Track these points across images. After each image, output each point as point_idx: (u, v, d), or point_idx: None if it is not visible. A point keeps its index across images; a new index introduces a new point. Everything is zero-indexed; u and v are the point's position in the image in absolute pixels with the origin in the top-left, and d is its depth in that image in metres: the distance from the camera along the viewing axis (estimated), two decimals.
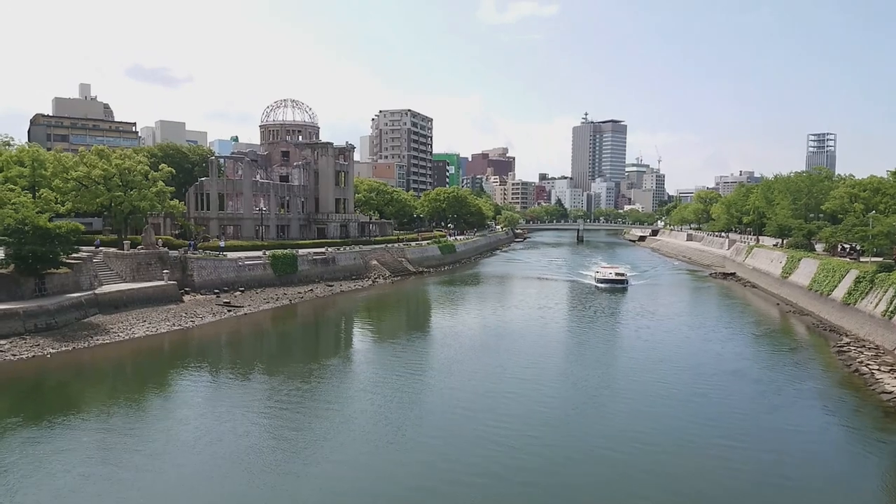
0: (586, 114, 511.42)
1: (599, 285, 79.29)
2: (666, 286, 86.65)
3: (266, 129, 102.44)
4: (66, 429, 27.82)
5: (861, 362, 39.28)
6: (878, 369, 37.23)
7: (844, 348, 43.37)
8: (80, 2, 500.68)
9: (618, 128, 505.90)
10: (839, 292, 54.48)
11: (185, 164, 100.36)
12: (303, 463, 24.75)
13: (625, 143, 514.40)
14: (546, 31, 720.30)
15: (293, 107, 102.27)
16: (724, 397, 33.98)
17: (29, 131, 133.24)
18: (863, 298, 49.50)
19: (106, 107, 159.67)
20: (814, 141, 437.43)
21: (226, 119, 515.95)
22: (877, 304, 46.44)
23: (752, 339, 51.52)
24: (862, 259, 61.20)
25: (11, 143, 74.61)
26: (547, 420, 29.83)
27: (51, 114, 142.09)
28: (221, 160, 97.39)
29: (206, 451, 25.58)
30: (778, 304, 66.62)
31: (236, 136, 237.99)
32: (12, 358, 36.89)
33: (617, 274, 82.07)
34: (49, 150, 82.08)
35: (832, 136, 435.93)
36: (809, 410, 32.48)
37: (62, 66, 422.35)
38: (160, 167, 72.96)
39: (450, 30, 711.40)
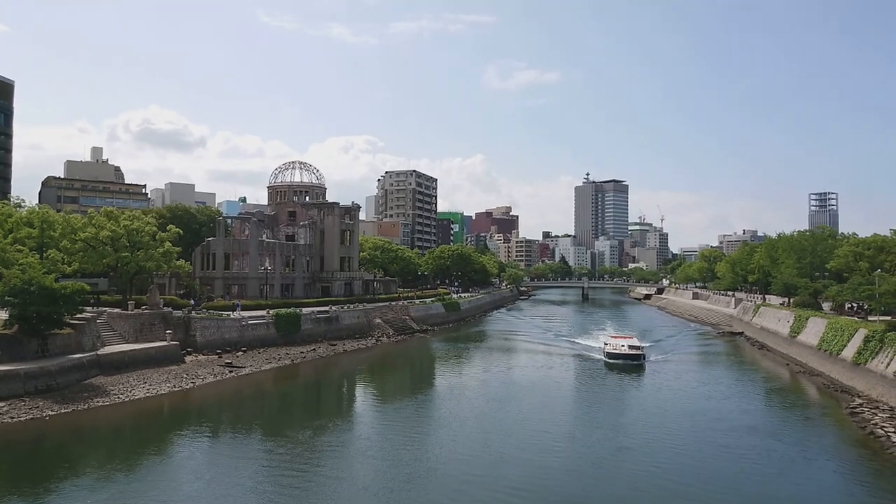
0: (588, 174, 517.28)
1: (610, 361, 64.09)
2: (688, 357, 73.43)
3: (274, 190, 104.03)
4: (61, 493, 27.05)
5: (875, 424, 38.34)
6: (895, 432, 36.28)
7: (857, 409, 42.39)
8: (95, 70, 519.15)
9: (619, 187, 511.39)
10: (849, 352, 53.69)
11: (193, 224, 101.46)
12: None
13: (627, 202, 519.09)
14: (548, 96, 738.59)
15: (301, 169, 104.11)
16: (739, 460, 33.13)
17: (40, 193, 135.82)
18: (873, 358, 48.72)
19: (117, 169, 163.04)
20: (815, 200, 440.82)
21: (235, 180, 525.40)
22: (888, 364, 45.66)
23: (764, 401, 50.59)
24: (870, 318, 60.61)
25: (22, 204, 75.80)
26: (557, 488, 28.93)
27: (62, 176, 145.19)
28: (229, 220, 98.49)
29: None
30: (787, 364, 65.54)
31: (244, 197, 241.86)
32: (10, 420, 36.35)
33: (631, 347, 65.97)
34: (59, 211, 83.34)
35: (834, 196, 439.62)
36: (827, 475, 31.58)
37: (75, 131, 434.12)
38: (168, 228, 73.79)
39: (454, 97, 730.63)
